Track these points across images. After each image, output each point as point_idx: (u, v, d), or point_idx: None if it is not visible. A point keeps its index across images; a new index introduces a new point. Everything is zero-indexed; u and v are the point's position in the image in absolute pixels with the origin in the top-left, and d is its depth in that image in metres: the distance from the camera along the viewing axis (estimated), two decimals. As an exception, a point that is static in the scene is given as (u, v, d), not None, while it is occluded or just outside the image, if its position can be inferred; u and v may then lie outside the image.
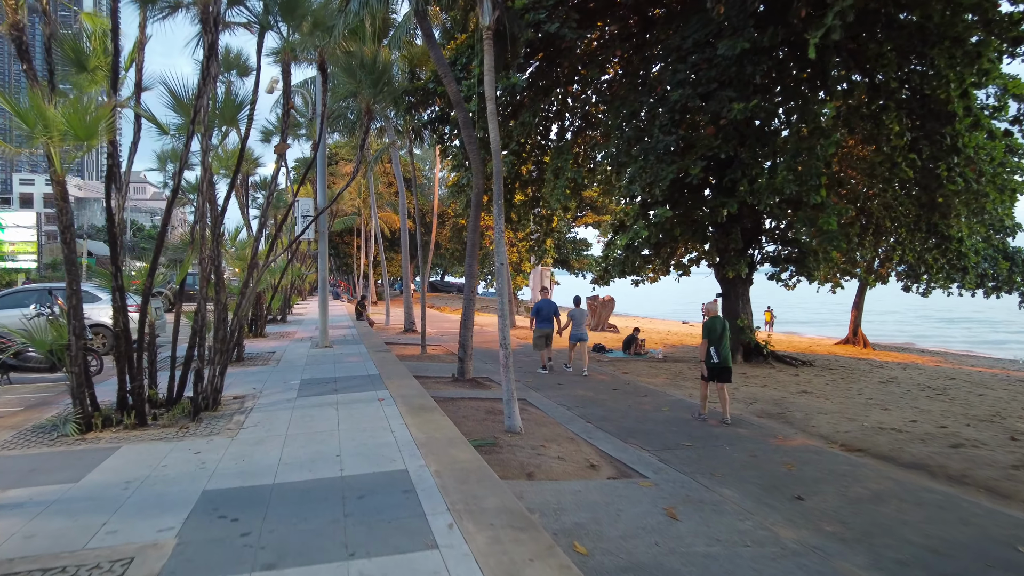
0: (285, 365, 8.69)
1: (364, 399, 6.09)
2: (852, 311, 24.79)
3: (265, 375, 7.78)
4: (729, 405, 8.22)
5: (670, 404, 9.34)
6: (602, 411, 8.79)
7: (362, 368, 8.29)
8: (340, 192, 10.63)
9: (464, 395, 9.33)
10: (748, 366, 14.47)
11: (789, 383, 11.89)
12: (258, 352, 10.24)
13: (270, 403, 6.02)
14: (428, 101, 14.21)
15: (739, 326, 15.18)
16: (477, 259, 10.57)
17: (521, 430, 7.21)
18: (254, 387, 6.93)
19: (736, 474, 6.11)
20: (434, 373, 11.45)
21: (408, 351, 15.03)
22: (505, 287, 7.33)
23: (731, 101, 9.55)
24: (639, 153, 10.61)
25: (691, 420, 8.37)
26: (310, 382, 7.19)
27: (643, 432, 7.67)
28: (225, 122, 5.77)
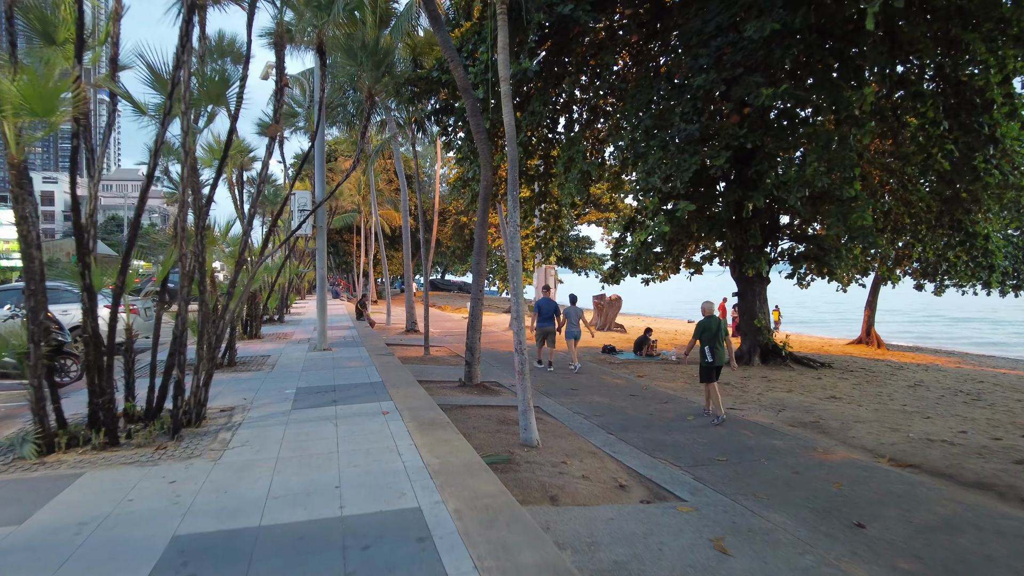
0: (280, 371, 8.04)
1: (367, 412, 5.44)
2: (865, 310, 24.11)
3: (258, 382, 7.13)
4: (720, 400, 8.27)
5: (694, 412, 8.70)
6: (622, 420, 8.15)
7: (363, 374, 7.64)
8: (339, 184, 9.99)
9: (473, 402, 8.69)
10: (767, 368, 13.83)
11: (813, 387, 11.26)
12: (252, 356, 9.59)
13: (261, 417, 5.37)
14: (431, 90, 13.53)
15: (756, 326, 14.56)
16: (484, 255, 9.92)
17: (538, 443, 6.57)
18: (245, 397, 6.28)
19: (781, 495, 5.47)
20: (439, 377, 10.81)
21: (411, 353, 14.39)
22: (519, 287, 6.69)
23: (758, 87, 8.89)
24: (658, 143, 9.95)
25: (712, 426, 7.82)
26: (307, 391, 6.54)
27: (670, 445, 7.03)
28: (211, 100, 5.12)
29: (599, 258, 44.12)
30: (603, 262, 44.63)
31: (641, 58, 14.26)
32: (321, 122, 8.35)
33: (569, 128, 15.72)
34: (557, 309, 12.36)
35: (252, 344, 11.27)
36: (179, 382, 4.72)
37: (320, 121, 8.14)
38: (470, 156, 13.73)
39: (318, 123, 7.93)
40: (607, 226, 42.66)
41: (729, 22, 9.71)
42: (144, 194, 4.45)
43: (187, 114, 4.60)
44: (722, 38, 9.56)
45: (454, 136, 14.77)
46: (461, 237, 39.76)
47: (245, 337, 12.10)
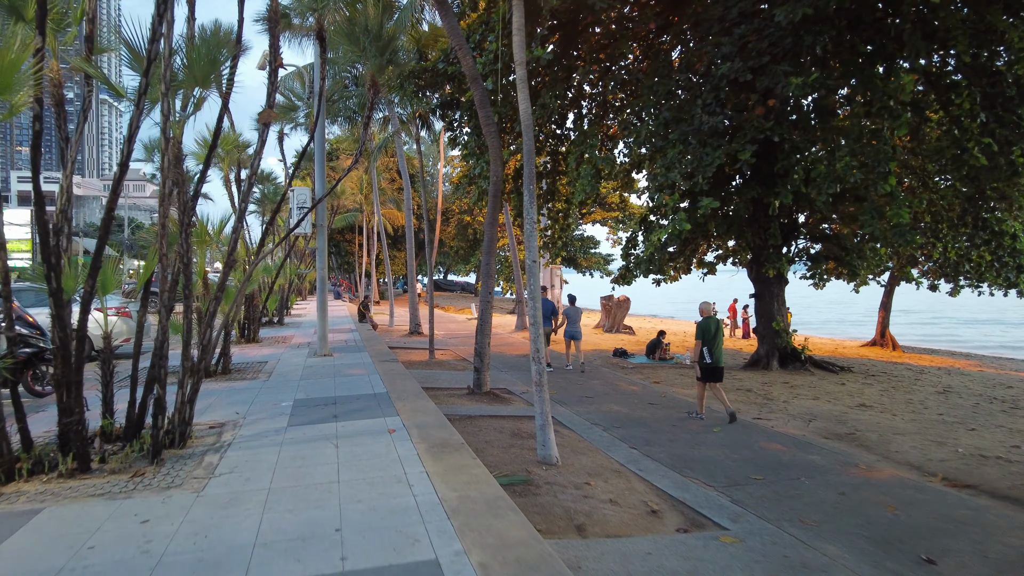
0: (277, 379, 7.49)
1: (371, 430, 4.89)
2: (879, 312, 23.50)
3: (252, 393, 6.59)
4: (725, 396, 8.27)
5: (719, 422, 8.14)
6: (644, 432, 7.60)
7: (367, 384, 7.09)
8: (340, 179, 9.45)
9: (483, 412, 8.14)
10: (787, 373, 13.26)
11: (840, 394, 10.69)
12: (248, 362, 9.05)
13: (254, 436, 4.82)
14: (436, 84, 12.98)
15: (774, 329, 13.99)
16: (494, 255, 9.37)
17: (558, 461, 6.02)
18: (237, 411, 5.73)
19: (831, 521, 4.91)
20: (446, 383, 10.26)
21: (415, 356, 13.84)
22: (537, 289, 6.13)
23: (787, 76, 8.32)
24: (679, 136, 9.38)
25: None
26: (305, 404, 5.99)
27: (699, 461, 6.48)
28: (197, 83, 4.58)
29: (604, 258, 43.54)
30: (608, 262, 44.02)
31: (652, 51, 13.70)
32: (321, 113, 7.82)
33: (578, 123, 15.17)
34: (555, 309, 12.44)
35: (249, 349, 10.72)
36: (159, 399, 4.17)
37: (320, 112, 7.61)
38: (477, 151, 13.18)
39: (318, 114, 7.39)
40: (612, 225, 42.11)
41: (753, 8, 9.15)
42: (116, 186, 3.90)
43: (167, 96, 4.05)
44: (746, 25, 9.00)
45: (460, 131, 14.22)
46: (464, 237, 39.21)
47: (242, 341, 11.57)
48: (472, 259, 41.90)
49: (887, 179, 8.35)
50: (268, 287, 13.37)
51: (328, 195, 9.15)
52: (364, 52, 7.06)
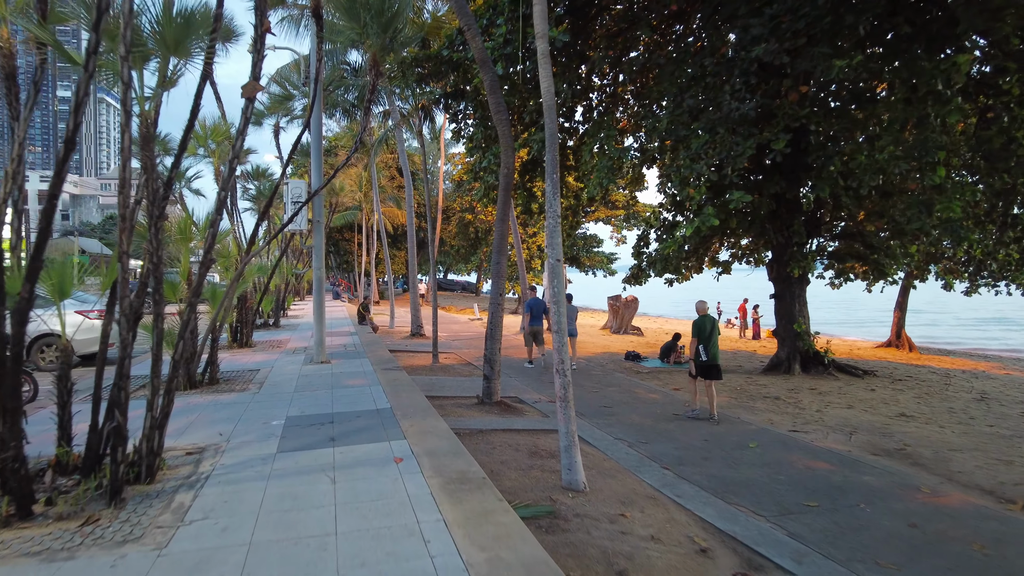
0: (269, 391, 6.77)
1: (374, 458, 4.17)
2: (895, 312, 22.82)
3: (240, 408, 5.86)
4: (716, 402, 8.30)
5: (756, 436, 7.44)
6: (673, 448, 6.89)
7: (368, 397, 6.37)
8: (340, 167, 8.71)
9: (496, 425, 7.42)
10: (810, 378, 12.56)
11: (873, 402, 9.99)
12: (238, 370, 8.32)
13: (237, 465, 4.10)
14: (440, 72, 12.25)
15: (796, 331, 13.28)
16: (505, 254, 8.66)
17: (585, 487, 5.31)
18: (221, 431, 5.01)
19: (913, 563, 4.21)
20: (453, 392, 9.55)
21: (418, 361, 13.13)
22: (561, 290, 5.42)
23: (827, 58, 7.61)
24: (704, 125, 8.67)
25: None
26: (299, 422, 5.27)
27: (741, 484, 5.77)
28: (168, 49, 3.85)
29: (607, 257, 42.82)
30: (611, 261, 43.30)
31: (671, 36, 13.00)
32: (317, 98, 7.11)
33: (587, 116, 14.47)
34: (546, 308, 12.62)
35: (241, 355, 10.00)
36: (119, 428, 3.44)
37: (316, 96, 6.90)
38: (483, 144, 12.47)
39: (313, 99, 6.68)
40: (616, 224, 41.37)
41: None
42: (60, 169, 3.18)
43: (127, 61, 3.33)
44: (779, 4, 8.28)
45: (464, 123, 13.51)
46: (465, 235, 38.47)
47: (234, 346, 10.85)
48: (473, 258, 41.17)
49: (936, 169, 7.64)
50: (262, 287, 12.64)
51: (325, 187, 8.43)
52: (365, 29, 6.35)
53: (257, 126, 16.01)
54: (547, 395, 9.67)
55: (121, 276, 3.39)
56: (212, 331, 7.28)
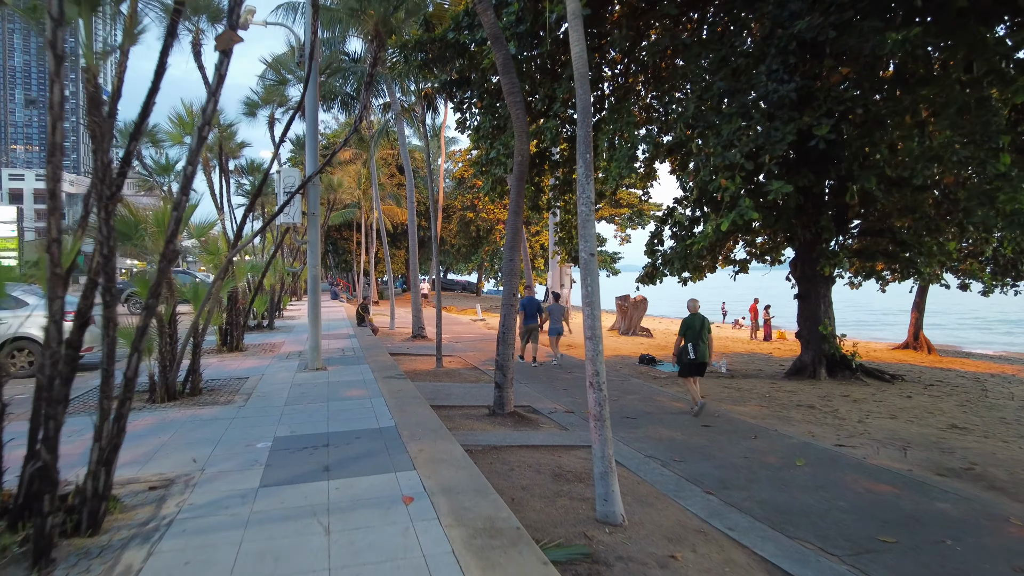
0: (257, 404, 5.98)
1: (378, 497, 3.40)
2: (912, 312, 22.08)
3: (222, 426, 5.08)
4: (699, 390, 8.47)
5: (801, 452, 6.67)
6: (712, 468, 6.12)
7: (368, 411, 5.59)
8: (339, 148, 7.90)
9: (511, 440, 6.65)
10: (839, 383, 11.81)
11: (915, 410, 9.23)
12: (225, 378, 7.53)
13: (209, 506, 3.32)
14: (445, 58, 11.47)
15: (822, 334, 12.53)
16: (519, 250, 7.89)
17: (623, 520, 4.53)
18: (195, 456, 4.23)
19: (1033, 623, 3.45)
20: (460, 400, 8.78)
21: (421, 365, 12.36)
22: (596, 288, 4.65)
23: (878, 33, 6.84)
24: (737, 109, 7.91)
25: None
26: (288, 445, 4.49)
27: (799, 511, 5.01)
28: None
29: (610, 256, 42.06)
30: (614, 260, 42.54)
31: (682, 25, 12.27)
32: (313, 71, 6.34)
33: (598, 107, 13.71)
34: (540, 307, 12.92)
35: (231, 360, 9.21)
36: (46, 470, 2.66)
37: (311, 71, 6.13)
38: (491, 133, 11.69)
39: (308, 71, 5.90)
40: (620, 223, 40.62)
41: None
42: None
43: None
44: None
45: (470, 113, 12.73)
46: (467, 234, 37.68)
47: (224, 350, 10.06)
48: (474, 257, 40.38)
49: (999, 156, 6.87)
50: (255, 286, 11.86)
51: (321, 172, 7.65)
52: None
53: (251, 117, 15.20)
54: (562, 404, 8.91)
55: (50, 273, 2.61)
56: (194, 335, 6.50)
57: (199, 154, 3.11)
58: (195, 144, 3.13)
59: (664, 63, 13.42)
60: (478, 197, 36.34)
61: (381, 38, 5.86)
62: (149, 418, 5.38)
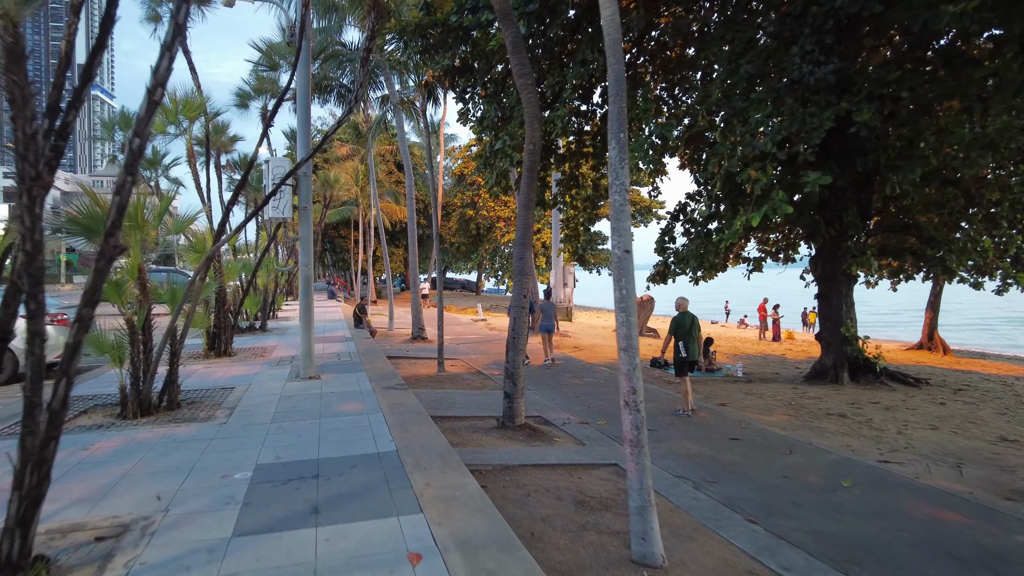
0: (240, 421, 5.31)
1: (377, 552, 2.73)
2: (927, 312, 21.47)
3: (197, 450, 4.41)
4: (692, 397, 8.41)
5: (843, 469, 6.02)
6: (750, 490, 5.47)
7: (366, 431, 4.92)
8: (336, 127, 7.19)
9: (524, 459, 6.00)
10: (863, 388, 11.17)
11: (954, 419, 8.59)
12: (208, 388, 6.86)
13: (166, 566, 2.66)
14: (447, 44, 10.80)
15: (843, 336, 11.89)
16: (530, 247, 7.22)
17: (664, 561, 3.88)
18: (160, 491, 3.56)
19: None
20: (465, 410, 8.12)
21: (422, 370, 11.69)
22: (631, 290, 3.99)
23: (929, 6, 6.17)
24: (766, 94, 7.25)
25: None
26: (271, 476, 3.82)
27: (859, 546, 4.37)
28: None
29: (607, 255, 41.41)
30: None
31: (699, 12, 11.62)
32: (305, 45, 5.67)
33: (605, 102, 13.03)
34: (532, 306, 12.92)
35: (217, 366, 8.54)
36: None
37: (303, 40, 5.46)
38: (496, 123, 11.01)
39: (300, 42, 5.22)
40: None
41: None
42: None
43: None
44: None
45: (473, 103, 12.04)
46: (466, 232, 36.99)
47: (211, 355, 9.38)
48: (474, 256, 39.70)
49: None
50: (244, 286, 11.17)
51: (313, 156, 6.97)
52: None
53: (243, 109, 14.52)
54: (576, 413, 8.26)
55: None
56: (172, 341, 5.83)
57: (148, 123, 2.44)
58: (144, 111, 2.45)
59: (674, 52, 12.76)
60: (478, 194, 35.67)
61: (379, 8, 5.22)
62: (116, 439, 4.71)
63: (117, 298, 5.28)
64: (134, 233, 5.47)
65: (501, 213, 34.86)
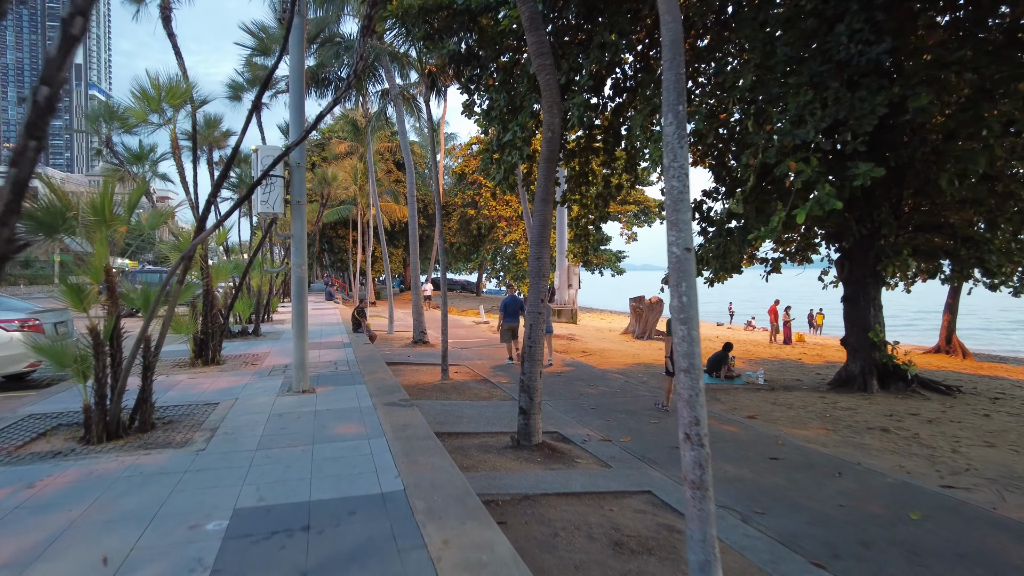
0: (221, 447, 4.59)
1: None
2: (944, 315, 20.82)
3: (164, 488, 3.69)
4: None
5: (905, 497, 5.31)
6: (808, 523, 4.77)
7: (367, 462, 4.20)
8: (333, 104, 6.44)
9: (545, 486, 5.29)
10: (896, 398, 10.49)
11: (1008, 434, 7.89)
12: (189, 404, 6.13)
13: None
14: (451, 28, 10.09)
15: (872, 341, 11.21)
16: (547, 246, 6.51)
17: (733, 629, 3.17)
18: (109, 550, 2.85)
19: None
20: (475, 424, 7.41)
21: (424, 377, 10.98)
22: (693, 296, 3.29)
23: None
24: (808, 78, 6.56)
25: None
26: (250, 528, 3.08)
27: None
28: None
29: (615, 255, 40.76)
30: (619, 259, 41.18)
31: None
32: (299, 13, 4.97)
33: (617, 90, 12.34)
34: (522, 306, 12.78)
35: (203, 376, 7.81)
36: None
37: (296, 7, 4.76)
38: (505, 114, 10.30)
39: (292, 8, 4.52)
40: (626, 221, 39.31)
41: None
42: None
43: None
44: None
45: (479, 93, 11.31)
46: (467, 232, 36.25)
47: (198, 364, 8.65)
48: (475, 256, 38.96)
49: None
50: (234, 288, 10.45)
51: (307, 136, 6.24)
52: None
53: (236, 101, 13.78)
54: (595, 428, 7.56)
55: None
56: (144, 353, 5.11)
57: (62, 65, 1.72)
58: (57, 48, 1.73)
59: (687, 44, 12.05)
60: (479, 194, 34.96)
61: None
62: (71, 471, 3.98)
63: (78, 304, 4.56)
64: (100, 228, 4.75)
65: (503, 213, 34.15)
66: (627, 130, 11.23)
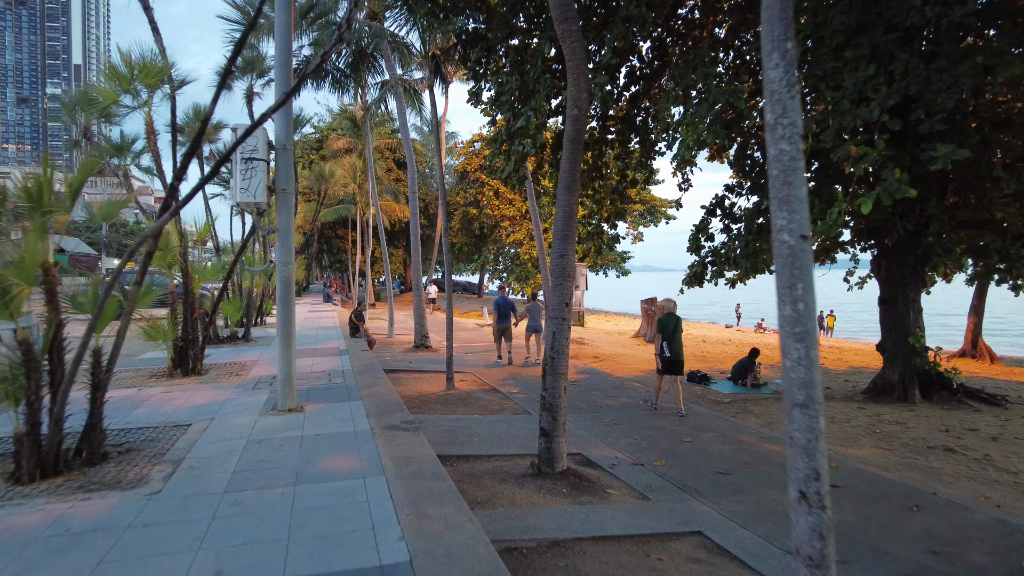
0: (179, 489, 3.68)
1: None
2: (969, 317, 19.89)
3: (94, 557, 2.78)
4: (682, 396, 8.43)
5: (1005, 538, 4.43)
6: None
7: (362, 514, 3.30)
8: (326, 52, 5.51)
9: (576, 527, 4.40)
10: (942, 409, 9.59)
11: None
12: (156, 426, 5.22)
13: None
14: (457, 7, 9.24)
15: (912, 347, 10.32)
16: (572, 242, 5.63)
17: None
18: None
19: None
20: (486, 445, 6.52)
21: (427, 386, 10.09)
22: (811, 300, 2.40)
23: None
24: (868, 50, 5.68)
25: None
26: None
27: None
28: None
29: (620, 255, 39.86)
30: (624, 260, 40.28)
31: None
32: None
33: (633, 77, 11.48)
34: (514, 307, 13.23)
35: (180, 390, 6.91)
36: None
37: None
38: (515, 100, 9.41)
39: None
40: (632, 220, 38.39)
41: None
42: None
43: None
44: None
45: (487, 78, 10.43)
46: (469, 231, 35.33)
47: (177, 374, 7.76)
48: (477, 257, 38.05)
49: None
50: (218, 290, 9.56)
51: (295, 93, 5.37)
52: None
53: (227, 90, 12.92)
54: (623, 449, 6.67)
55: None
56: (94, 374, 4.23)
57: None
58: None
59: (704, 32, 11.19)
60: (481, 192, 34.07)
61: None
62: (-22, 528, 3.08)
63: (2, 310, 3.67)
64: (34, 216, 3.86)
65: (506, 212, 33.24)
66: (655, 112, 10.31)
